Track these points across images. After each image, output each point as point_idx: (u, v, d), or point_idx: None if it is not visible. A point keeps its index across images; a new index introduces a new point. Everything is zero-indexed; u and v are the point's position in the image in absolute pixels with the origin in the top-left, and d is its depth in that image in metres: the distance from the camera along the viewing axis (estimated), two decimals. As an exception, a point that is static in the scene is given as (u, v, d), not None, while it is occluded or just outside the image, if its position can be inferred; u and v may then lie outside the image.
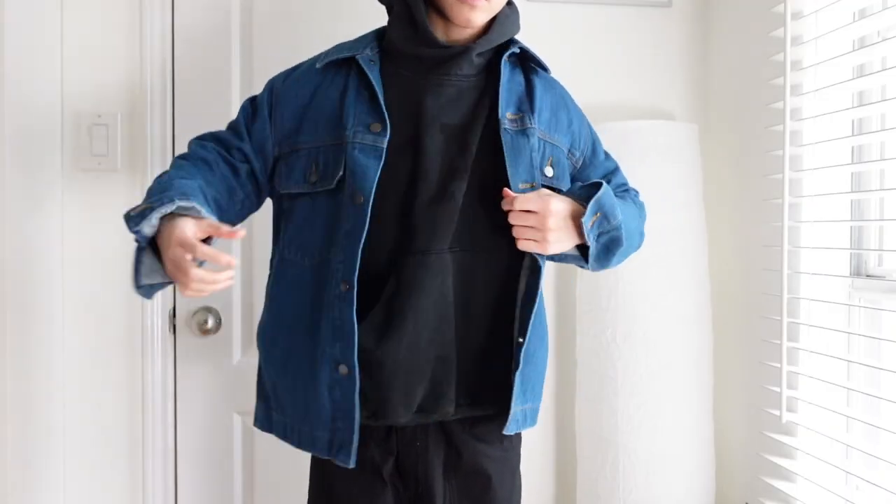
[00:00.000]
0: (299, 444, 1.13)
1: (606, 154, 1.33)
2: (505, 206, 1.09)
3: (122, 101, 1.61)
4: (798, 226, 1.49)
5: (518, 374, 1.12)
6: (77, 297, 1.60)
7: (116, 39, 1.61)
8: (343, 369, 1.06)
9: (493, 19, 1.14)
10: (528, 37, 1.74)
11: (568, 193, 1.16)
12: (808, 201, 1.48)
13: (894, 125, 1.39)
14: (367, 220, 1.06)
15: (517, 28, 1.19)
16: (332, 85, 1.14)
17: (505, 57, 1.16)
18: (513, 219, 1.09)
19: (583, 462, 1.67)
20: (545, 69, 1.24)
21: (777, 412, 1.48)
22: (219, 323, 1.65)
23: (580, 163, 1.26)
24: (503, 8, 1.15)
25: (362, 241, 1.06)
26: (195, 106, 1.63)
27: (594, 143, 1.30)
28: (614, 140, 1.61)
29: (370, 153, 1.08)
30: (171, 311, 1.65)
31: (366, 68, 1.12)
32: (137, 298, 1.61)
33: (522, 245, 1.10)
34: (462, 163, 1.10)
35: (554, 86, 1.26)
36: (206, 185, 1.07)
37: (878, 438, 1.38)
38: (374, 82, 1.11)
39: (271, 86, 1.20)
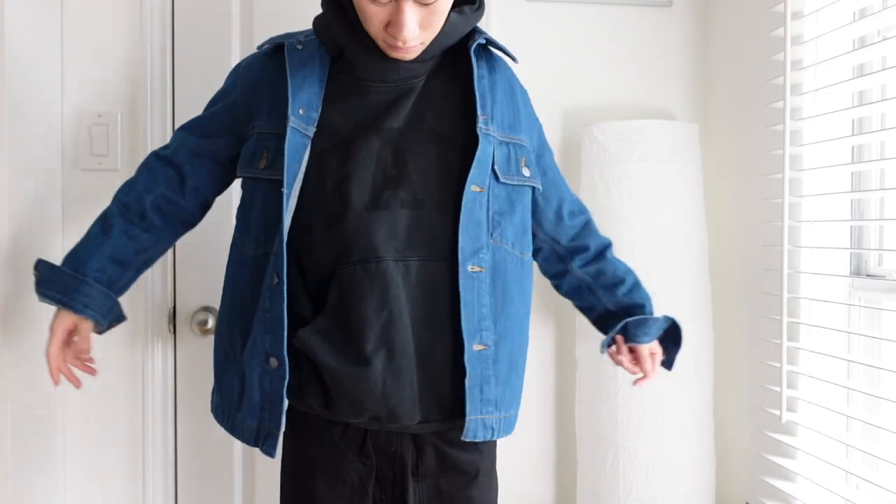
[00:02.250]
0: (231, 431, 1.14)
1: (550, 157, 1.32)
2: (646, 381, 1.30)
3: (122, 101, 1.61)
4: (798, 225, 1.49)
5: (467, 380, 1.07)
6: (77, 297, 1.60)
7: (116, 39, 1.61)
8: (273, 362, 1.06)
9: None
10: (529, 36, 1.76)
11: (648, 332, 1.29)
12: (808, 201, 1.48)
13: (894, 125, 1.39)
14: (287, 204, 1.04)
15: (464, 31, 1.13)
16: (277, 71, 1.12)
17: (473, 48, 1.13)
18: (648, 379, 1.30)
19: (583, 462, 1.67)
20: (498, 66, 1.20)
21: (777, 412, 1.48)
22: (219, 323, 1.65)
23: (535, 154, 1.25)
24: (451, 16, 1.09)
25: (285, 227, 1.04)
26: (195, 106, 1.62)
27: (541, 131, 1.30)
28: (614, 140, 1.61)
29: (299, 136, 1.06)
30: (171, 311, 1.65)
31: (287, 54, 1.11)
32: (137, 298, 1.61)
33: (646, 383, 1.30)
34: (398, 168, 1.07)
35: (507, 78, 1.21)
36: (120, 244, 1.21)
37: (878, 438, 1.38)
38: (287, 67, 1.09)
39: (236, 70, 1.22)
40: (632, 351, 1.30)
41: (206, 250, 1.63)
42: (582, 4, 1.77)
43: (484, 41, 1.16)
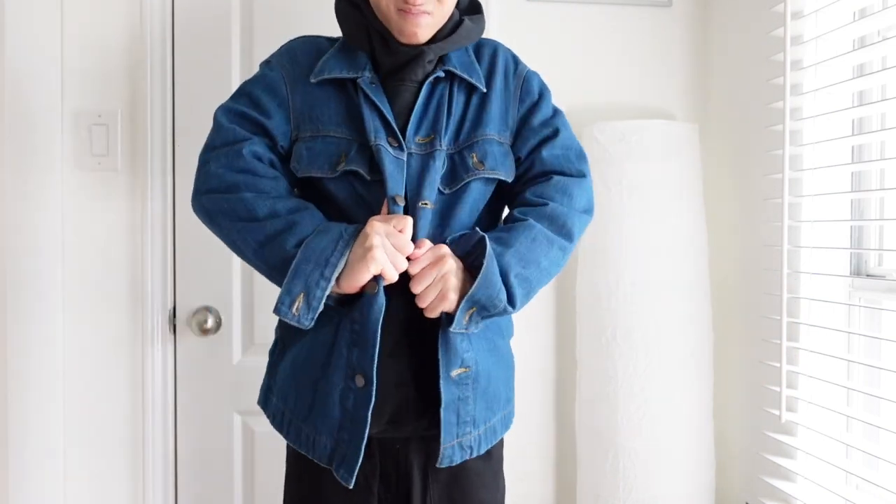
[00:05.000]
0: (297, 443, 1.09)
1: (550, 116, 1.20)
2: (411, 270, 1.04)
3: (123, 101, 1.61)
4: (798, 225, 1.49)
5: (442, 409, 1.05)
6: (77, 297, 1.60)
7: (116, 39, 1.61)
8: (360, 380, 1.02)
9: (451, 30, 1.14)
10: (528, 36, 1.75)
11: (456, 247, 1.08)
12: (808, 201, 1.48)
13: (894, 125, 1.39)
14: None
15: (474, 38, 1.18)
16: (338, 93, 1.12)
17: (431, 79, 1.12)
18: (414, 285, 1.03)
19: (583, 462, 1.67)
20: (481, 85, 1.16)
21: (777, 412, 1.48)
22: (219, 323, 1.65)
23: (512, 139, 1.18)
24: (466, 22, 1.14)
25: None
26: (195, 106, 1.63)
27: (528, 112, 1.19)
28: (614, 140, 1.61)
29: (394, 161, 1.06)
30: (171, 311, 1.65)
31: (371, 95, 1.09)
32: (137, 298, 1.61)
33: (430, 312, 1.04)
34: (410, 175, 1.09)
35: (503, 86, 1.19)
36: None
37: (878, 438, 1.38)
38: (382, 108, 1.08)
39: (279, 67, 1.15)
40: None
41: (206, 250, 1.63)
42: (582, 4, 1.77)
43: (443, 73, 1.13)
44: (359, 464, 1.03)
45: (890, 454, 1.25)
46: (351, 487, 1.04)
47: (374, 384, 1.01)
